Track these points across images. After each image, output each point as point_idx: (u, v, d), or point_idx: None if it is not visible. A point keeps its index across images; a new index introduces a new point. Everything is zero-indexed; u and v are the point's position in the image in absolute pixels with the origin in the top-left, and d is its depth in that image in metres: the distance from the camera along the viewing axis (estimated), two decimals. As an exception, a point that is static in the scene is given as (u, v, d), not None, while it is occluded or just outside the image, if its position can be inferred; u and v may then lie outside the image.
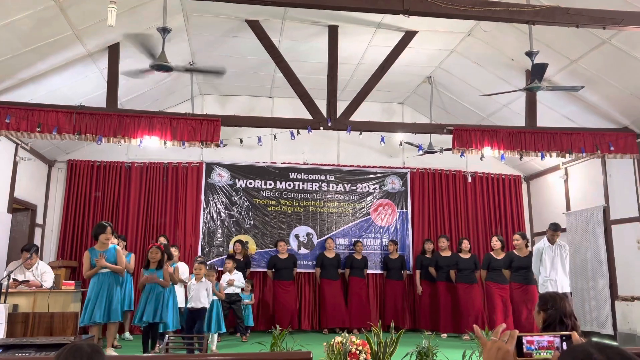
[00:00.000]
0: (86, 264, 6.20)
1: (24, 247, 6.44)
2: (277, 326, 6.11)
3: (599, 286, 8.23)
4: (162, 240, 8.23)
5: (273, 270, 9.12)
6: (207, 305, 6.50)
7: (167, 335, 4.86)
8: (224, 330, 6.99)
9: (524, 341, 1.63)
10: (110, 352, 6.09)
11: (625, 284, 7.90)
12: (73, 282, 6.56)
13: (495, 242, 8.20)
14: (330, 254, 9.36)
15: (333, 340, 5.81)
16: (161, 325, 6.12)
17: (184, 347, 4.96)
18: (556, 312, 3.24)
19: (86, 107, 6.63)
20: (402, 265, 9.48)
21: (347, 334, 5.95)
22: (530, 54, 6.00)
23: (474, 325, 1.91)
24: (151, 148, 8.02)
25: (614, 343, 7.29)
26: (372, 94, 9.13)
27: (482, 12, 4.15)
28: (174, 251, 7.64)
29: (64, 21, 5.83)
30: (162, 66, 5.32)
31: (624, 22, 4.41)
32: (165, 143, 6.71)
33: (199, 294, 6.33)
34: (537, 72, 5.52)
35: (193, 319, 6.28)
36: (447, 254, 9.02)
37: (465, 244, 8.83)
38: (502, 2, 4.31)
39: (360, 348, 5.91)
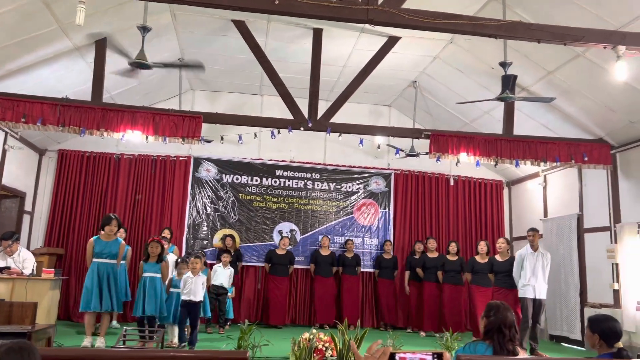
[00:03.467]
0: (89, 251, 6.32)
1: (3, 236, 6.51)
2: (247, 320, 6.18)
3: (570, 292, 8.28)
4: (166, 233, 8.30)
5: (270, 264, 9.19)
6: (202, 299, 6.56)
7: (124, 328, 4.92)
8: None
9: (397, 358, 1.67)
10: (100, 341, 6.15)
11: (594, 291, 7.94)
12: (53, 269, 6.63)
13: (483, 247, 8.23)
14: (325, 252, 9.41)
15: (300, 336, 5.89)
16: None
17: (140, 340, 5.02)
18: (497, 321, 3.29)
19: (71, 99, 6.67)
20: (395, 265, 9.55)
21: (314, 330, 6.03)
22: (503, 65, 6.03)
23: (350, 341, 1.96)
24: (141, 141, 8.09)
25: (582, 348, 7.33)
26: (360, 96, 9.21)
27: (445, 24, 4.18)
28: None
29: (49, 15, 5.87)
30: (140, 64, 5.36)
31: (585, 39, 4.44)
32: (147, 138, 6.76)
33: (196, 287, 6.34)
34: (507, 83, 5.55)
35: (188, 311, 6.32)
36: (434, 255, 9.08)
37: (453, 247, 8.89)
38: (464, 16, 4.34)
39: (326, 345, 6.00)
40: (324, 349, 5.90)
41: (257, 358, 5.62)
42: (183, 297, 6.39)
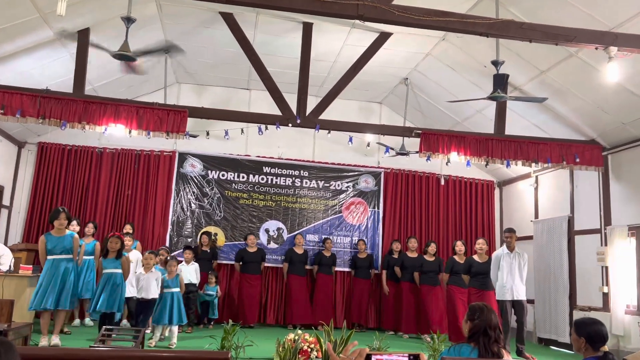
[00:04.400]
0: (41, 248, 6.20)
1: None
2: (231, 320, 6.19)
3: (559, 295, 8.39)
4: (127, 228, 8.27)
5: (241, 263, 9.19)
6: (157, 296, 6.55)
7: (104, 327, 4.92)
8: (185, 321, 7.04)
9: (373, 359, 1.70)
10: (54, 340, 6.09)
11: (583, 294, 8.06)
12: (31, 266, 6.59)
13: (460, 247, 8.32)
14: (299, 250, 9.44)
15: (285, 337, 5.92)
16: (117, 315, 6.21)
17: (126, 340, 5.01)
18: (481, 323, 3.34)
19: (51, 91, 6.63)
20: (370, 264, 9.60)
21: (300, 331, 6.06)
22: (496, 63, 6.09)
23: (327, 343, 1.99)
24: (124, 135, 8.06)
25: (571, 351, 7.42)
26: (351, 92, 9.25)
27: (435, 21, 4.22)
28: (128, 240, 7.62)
29: (29, 4, 5.83)
30: (124, 56, 5.34)
31: (577, 39, 4.50)
32: (130, 132, 6.74)
33: (149, 284, 6.37)
34: (498, 83, 5.61)
35: (142, 310, 6.33)
36: (413, 255, 9.14)
37: (432, 247, 8.94)
38: (456, 13, 4.38)
39: (312, 346, 6.03)
40: (309, 350, 5.93)
41: (241, 359, 5.63)
42: (137, 296, 6.40)
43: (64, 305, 6.06)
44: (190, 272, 8.17)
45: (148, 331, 6.56)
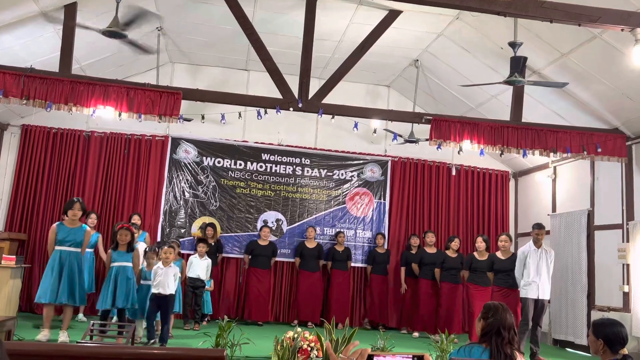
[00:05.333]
0: (51, 237, 6.29)
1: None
2: (226, 317, 6.22)
3: (577, 294, 8.41)
4: (135, 219, 8.30)
5: (250, 256, 9.23)
6: (174, 292, 6.60)
7: (92, 322, 4.95)
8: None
9: None
10: (63, 337, 6.15)
11: (602, 294, 8.08)
12: (14, 257, 6.63)
13: (480, 243, 8.31)
14: (310, 244, 9.46)
15: (284, 335, 5.96)
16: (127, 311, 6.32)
17: (111, 336, 5.06)
18: (495, 322, 3.36)
19: (36, 70, 6.62)
20: (389, 260, 9.64)
21: (299, 329, 6.10)
22: (513, 45, 6.06)
23: (326, 342, 2.00)
24: (113, 118, 8.05)
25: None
26: (357, 75, 9.22)
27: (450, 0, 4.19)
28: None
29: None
30: (113, 33, 5.33)
31: (601, 19, 4.47)
32: (120, 114, 6.74)
33: (167, 279, 6.37)
34: (516, 66, 5.59)
35: (158, 305, 6.36)
36: (432, 250, 9.17)
37: (456, 243, 8.92)
38: (472, -10, 4.36)
39: (312, 345, 6.07)
40: (309, 349, 5.96)
41: (236, 357, 5.68)
42: (153, 290, 6.42)
43: (80, 301, 6.26)
44: (201, 267, 8.24)
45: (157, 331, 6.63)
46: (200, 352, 2.99)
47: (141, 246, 7.70)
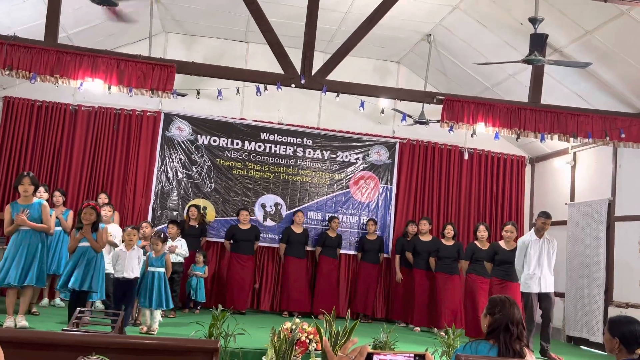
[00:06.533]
0: (7, 218, 6.30)
1: None
2: (220, 305, 6.30)
3: (593, 288, 8.48)
4: (102, 198, 8.37)
5: (231, 241, 9.30)
6: (138, 276, 6.69)
7: (77, 308, 5.02)
8: (171, 306, 7.16)
9: (375, 359, 1.75)
10: (21, 322, 6.20)
11: (621, 289, 8.15)
12: (-6, 237, 6.69)
13: (483, 232, 8.38)
14: (297, 229, 9.53)
15: (282, 326, 6.04)
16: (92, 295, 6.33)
17: (103, 324, 5.13)
18: (503, 318, 3.41)
19: (20, 38, 6.62)
20: (380, 248, 9.71)
21: (298, 320, 6.18)
22: (534, 21, 6.04)
23: (324, 339, 2.04)
24: (102, 91, 8.07)
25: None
26: (364, 49, 9.20)
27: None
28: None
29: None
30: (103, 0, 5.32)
31: (630, -5, 4.45)
32: (109, 88, 6.75)
33: (130, 262, 6.47)
34: (536, 43, 5.59)
35: (123, 290, 6.46)
36: (427, 238, 9.23)
37: (449, 230, 8.99)
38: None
39: (311, 337, 6.15)
40: (308, 341, 6.06)
41: (230, 348, 5.76)
42: (116, 275, 6.55)
43: (30, 281, 6.16)
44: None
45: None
46: (193, 343, 3.06)
47: (113, 227, 7.72)
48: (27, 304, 6.45)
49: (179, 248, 8.23)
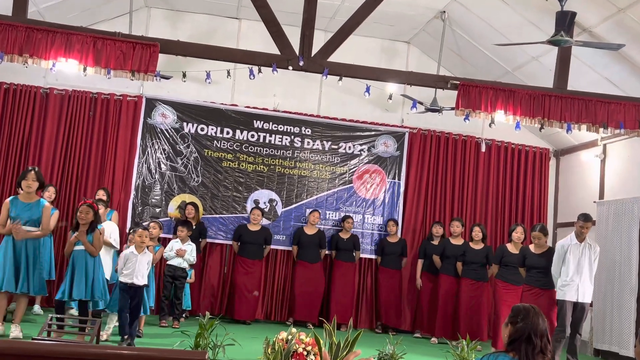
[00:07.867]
0: (3, 214, 6.30)
1: None
2: (208, 313, 6.31)
3: (624, 297, 8.48)
4: (101, 194, 8.36)
5: (239, 243, 9.32)
6: (147, 283, 6.71)
7: (50, 316, 5.02)
8: (146, 312, 7.18)
9: None
10: (15, 331, 6.21)
11: (655, 298, 8.16)
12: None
13: (520, 234, 8.30)
14: (310, 230, 9.54)
15: (276, 336, 6.05)
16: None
17: (74, 333, 5.13)
18: (525, 328, 3.40)
19: (-15, 13, 6.61)
20: (403, 251, 9.74)
21: (294, 329, 6.19)
22: (560, -3, 6.02)
23: (324, 352, 2.04)
24: (77, 73, 8.06)
25: None
26: (370, 28, 9.18)
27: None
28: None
29: None
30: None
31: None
32: (85, 69, 6.75)
33: (141, 268, 6.46)
34: (562, 22, 5.58)
35: (129, 297, 6.44)
36: (458, 242, 9.25)
37: (477, 232, 8.98)
38: None
39: (309, 348, 6.16)
40: (305, 353, 6.06)
41: (219, 361, 5.77)
42: (123, 279, 6.51)
43: (35, 290, 6.27)
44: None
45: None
46: (178, 354, 3.04)
47: (109, 226, 7.76)
48: (23, 312, 6.47)
49: (188, 253, 8.26)
